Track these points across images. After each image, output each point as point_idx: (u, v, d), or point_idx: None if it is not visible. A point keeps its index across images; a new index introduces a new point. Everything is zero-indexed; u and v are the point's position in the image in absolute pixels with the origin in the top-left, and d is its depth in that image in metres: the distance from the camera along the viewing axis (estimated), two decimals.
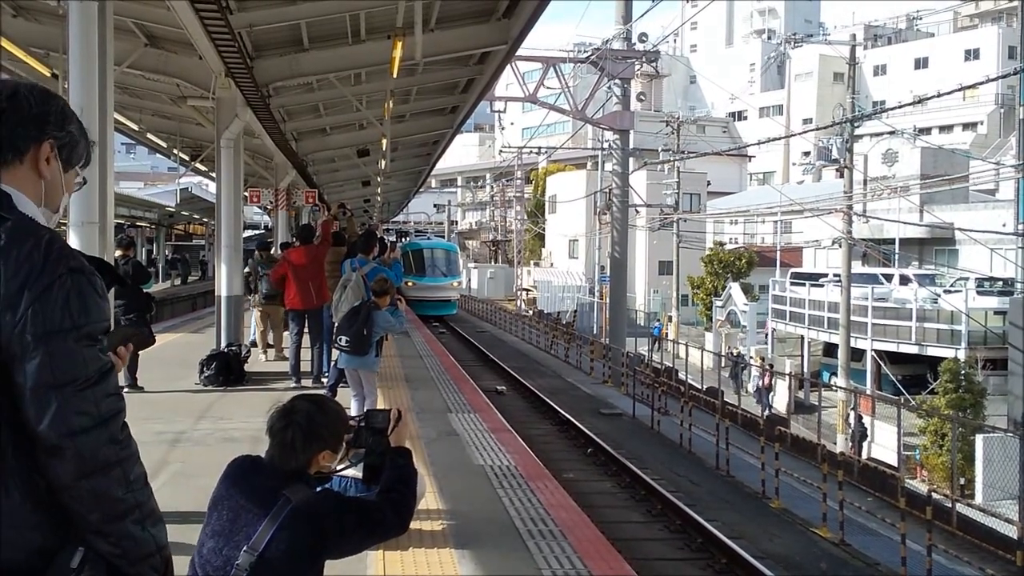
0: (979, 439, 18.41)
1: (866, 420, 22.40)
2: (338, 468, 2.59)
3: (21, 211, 1.72)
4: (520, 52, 17.81)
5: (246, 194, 17.38)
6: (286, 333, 12.68)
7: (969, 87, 26.69)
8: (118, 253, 10.51)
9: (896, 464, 19.12)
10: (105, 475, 1.69)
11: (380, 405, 8.09)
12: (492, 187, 77.28)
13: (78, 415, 1.65)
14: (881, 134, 37.60)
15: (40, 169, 1.79)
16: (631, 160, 30.18)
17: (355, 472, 2.69)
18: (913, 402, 22.83)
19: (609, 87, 28.24)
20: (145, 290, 10.70)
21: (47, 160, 1.80)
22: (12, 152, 1.75)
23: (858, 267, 29.22)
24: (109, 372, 1.73)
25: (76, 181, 1.93)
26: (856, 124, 26.09)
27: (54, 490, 1.67)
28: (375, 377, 8.35)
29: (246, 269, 14.31)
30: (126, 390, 1.92)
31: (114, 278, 1.92)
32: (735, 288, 37.61)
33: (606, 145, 33.60)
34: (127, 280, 9.54)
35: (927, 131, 56.23)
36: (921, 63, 66.80)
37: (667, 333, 37.56)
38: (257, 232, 39.80)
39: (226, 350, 12.04)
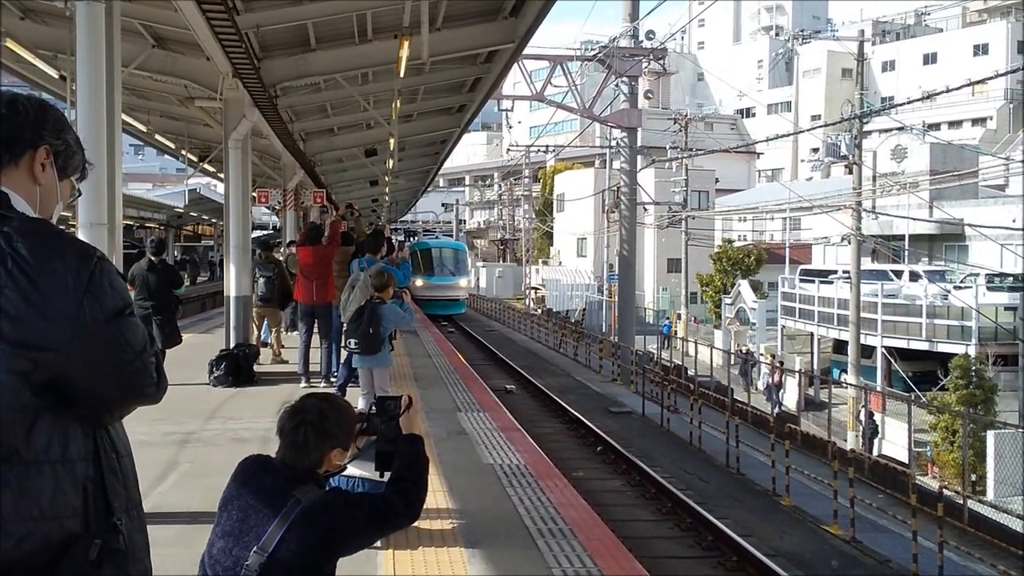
0: (990, 435, 18.35)
1: (877, 417, 22.33)
2: (347, 457, 2.58)
3: (20, 211, 1.74)
4: (527, 51, 17.79)
5: (254, 194, 17.40)
6: (294, 334, 12.68)
7: (978, 82, 26.68)
8: (153, 258, 10.61)
9: (907, 461, 19.08)
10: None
11: None
12: (500, 186, 77.25)
13: (146, 378, 1.79)
14: (890, 130, 37.50)
15: (35, 174, 1.81)
16: (639, 158, 30.10)
17: (362, 472, 2.69)
18: (924, 399, 22.76)
19: (616, 85, 28.21)
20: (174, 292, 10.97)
21: (42, 166, 1.82)
22: (8, 154, 1.77)
23: (868, 264, 29.13)
24: (152, 336, 1.87)
25: (73, 194, 1.95)
26: (865, 120, 26.01)
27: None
28: (387, 375, 8.36)
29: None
30: None
31: None
32: (744, 285, 37.54)
33: (614, 143, 33.57)
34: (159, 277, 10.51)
35: (936, 127, 55.99)
36: (929, 59, 66.53)
37: (676, 331, 37.48)
38: (264, 232, 39.83)
39: (235, 350, 12.06)
